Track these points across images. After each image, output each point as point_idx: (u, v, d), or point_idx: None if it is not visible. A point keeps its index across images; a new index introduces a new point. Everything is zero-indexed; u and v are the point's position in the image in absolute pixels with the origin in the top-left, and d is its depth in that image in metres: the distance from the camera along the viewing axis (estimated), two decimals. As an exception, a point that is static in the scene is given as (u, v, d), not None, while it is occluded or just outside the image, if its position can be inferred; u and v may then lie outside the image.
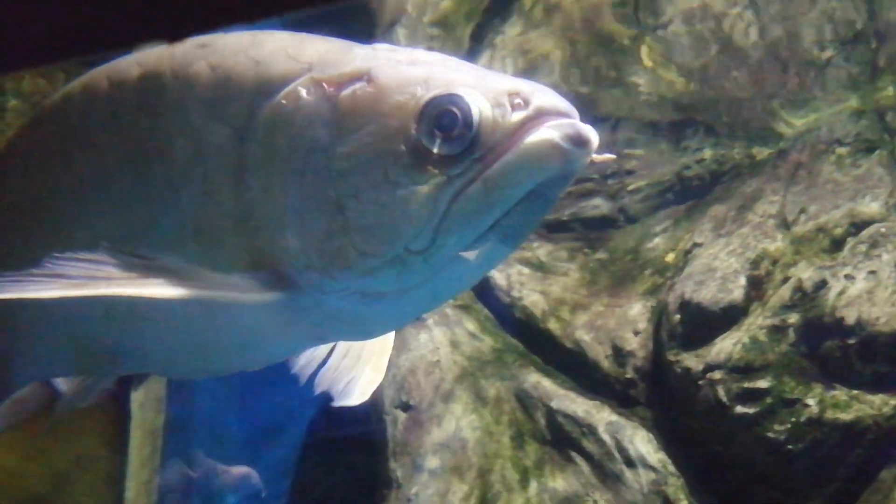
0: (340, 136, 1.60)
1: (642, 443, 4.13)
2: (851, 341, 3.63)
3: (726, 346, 3.87)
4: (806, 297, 3.79)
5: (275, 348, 1.91)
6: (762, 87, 4.68)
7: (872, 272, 3.70)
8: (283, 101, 1.65)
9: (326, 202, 1.61)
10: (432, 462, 4.31)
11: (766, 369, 3.77)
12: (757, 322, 3.86)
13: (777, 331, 3.80)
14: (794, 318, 3.79)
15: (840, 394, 3.65)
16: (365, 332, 1.88)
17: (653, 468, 4.06)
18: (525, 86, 1.62)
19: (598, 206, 4.70)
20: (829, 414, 3.63)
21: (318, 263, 1.64)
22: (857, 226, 3.93)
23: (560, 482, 4.21)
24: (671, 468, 4.04)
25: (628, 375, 4.30)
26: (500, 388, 4.49)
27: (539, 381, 4.47)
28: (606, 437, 4.19)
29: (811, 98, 4.62)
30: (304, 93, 1.64)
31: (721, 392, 3.83)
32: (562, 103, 1.61)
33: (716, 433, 3.92)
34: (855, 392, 3.64)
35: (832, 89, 4.59)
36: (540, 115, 1.58)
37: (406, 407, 4.43)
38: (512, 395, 4.48)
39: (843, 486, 3.65)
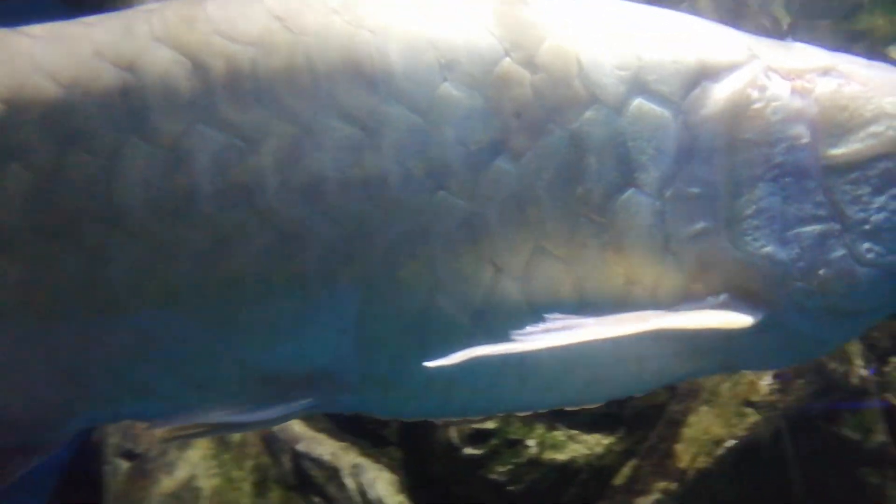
0: (830, 136, 1.51)
1: (383, 485, 4.08)
2: (572, 381, 3.68)
3: (460, 386, 3.88)
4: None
5: (666, 378, 1.69)
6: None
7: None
8: (749, 90, 1.51)
9: (815, 206, 1.49)
10: (157, 514, 4.13)
11: (494, 410, 3.80)
12: (489, 363, 3.88)
13: (508, 371, 3.84)
14: (524, 358, 3.83)
15: (559, 434, 3.70)
16: (790, 360, 1.77)
17: (390, 511, 4.02)
18: None
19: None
20: (547, 454, 3.67)
21: (808, 278, 1.50)
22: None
23: (301, 529, 4.12)
24: (409, 511, 4.02)
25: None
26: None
27: (288, 423, 4.36)
28: (349, 481, 4.12)
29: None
30: (768, 82, 1.52)
31: (453, 433, 3.83)
32: None
33: (451, 474, 3.91)
34: (573, 432, 3.69)
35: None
36: None
37: (131, 455, 4.23)
38: (259, 438, 4.35)
39: (560, 526, 3.70)
